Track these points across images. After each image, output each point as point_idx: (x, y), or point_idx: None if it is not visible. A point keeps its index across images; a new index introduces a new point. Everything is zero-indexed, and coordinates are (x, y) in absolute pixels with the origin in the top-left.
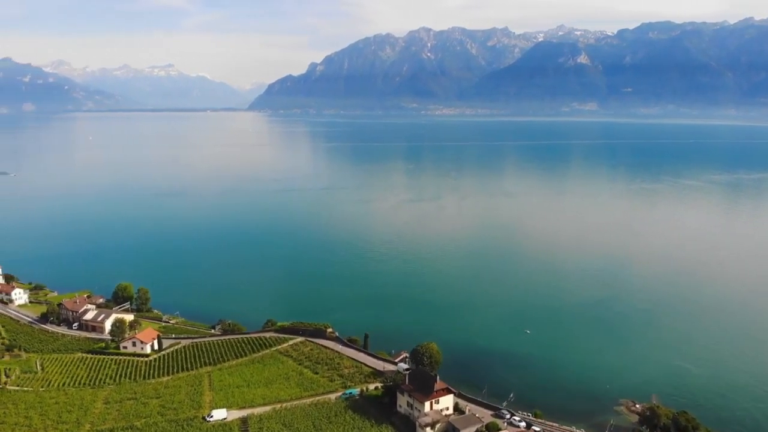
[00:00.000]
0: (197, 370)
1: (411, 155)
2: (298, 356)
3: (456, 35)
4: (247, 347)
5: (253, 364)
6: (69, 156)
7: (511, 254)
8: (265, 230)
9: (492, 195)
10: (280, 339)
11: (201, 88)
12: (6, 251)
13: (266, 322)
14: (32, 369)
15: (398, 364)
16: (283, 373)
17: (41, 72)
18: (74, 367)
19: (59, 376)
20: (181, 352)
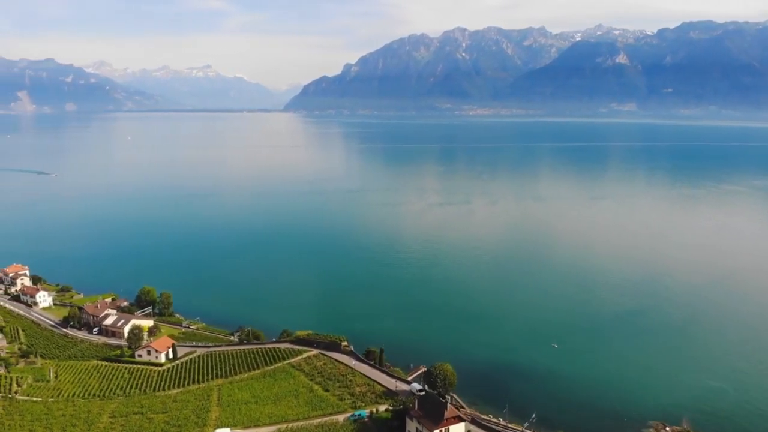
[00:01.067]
0: (208, 382)
1: (442, 157)
2: (311, 371)
3: (491, 35)
4: (261, 359)
5: (264, 377)
6: (108, 156)
7: (540, 263)
8: (291, 234)
9: (523, 199)
10: (294, 351)
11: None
12: (37, 251)
13: (282, 332)
14: (45, 377)
15: (411, 383)
16: (293, 389)
17: (83, 72)
18: (87, 375)
19: (70, 385)
20: (195, 362)
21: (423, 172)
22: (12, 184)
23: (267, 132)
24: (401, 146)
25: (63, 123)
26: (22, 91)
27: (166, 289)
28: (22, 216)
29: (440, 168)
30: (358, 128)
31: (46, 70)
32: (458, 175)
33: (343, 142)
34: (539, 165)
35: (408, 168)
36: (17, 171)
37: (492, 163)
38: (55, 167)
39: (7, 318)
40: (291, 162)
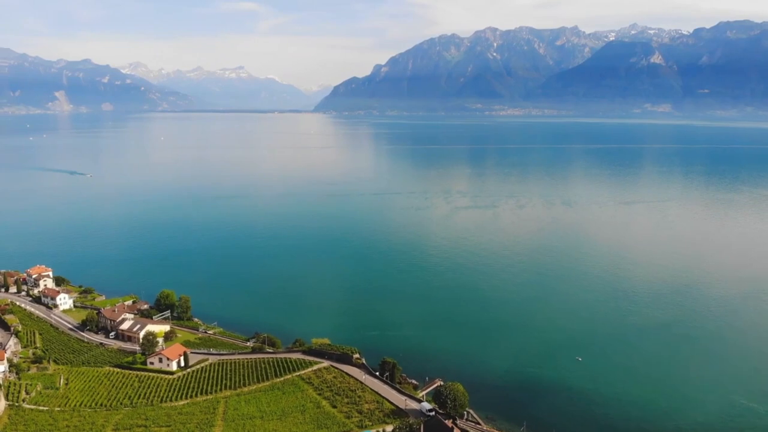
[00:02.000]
0: (216, 394)
1: (470, 159)
2: (320, 384)
3: (523, 35)
4: (271, 370)
5: (272, 390)
6: (141, 156)
7: (567, 270)
8: (313, 237)
9: (551, 203)
10: (304, 362)
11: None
12: (63, 252)
13: (294, 341)
14: (55, 385)
15: (422, 402)
16: (301, 404)
17: (119, 73)
18: (97, 383)
19: (79, 393)
20: (206, 370)
21: (449, 174)
22: (49, 183)
23: (296, 133)
24: (429, 147)
25: (99, 123)
26: (60, 91)
27: (187, 292)
28: (52, 216)
29: (467, 170)
30: (387, 129)
31: (83, 71)
32: (485, 178)
33: (370, 143)
34: (570, 167)
35: (434, 170)
36: (54, 171)
37: (521, 165)
38: (91, 167)
39: (26, 321)
40: (317, 163)
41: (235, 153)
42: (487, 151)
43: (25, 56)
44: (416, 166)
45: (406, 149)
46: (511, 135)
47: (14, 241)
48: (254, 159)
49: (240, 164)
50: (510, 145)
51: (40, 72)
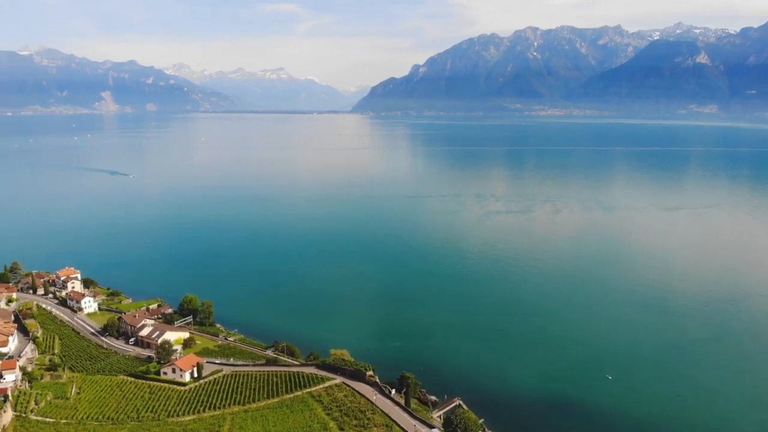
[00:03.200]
0: (223, 410)
1: (507, 161)
2: (329, 403)
3: (564, 34)
4: (282, 385)
5: (281, 407)
6: (181, 157)
7: (601, 281)
8: (341, 242)
9: (589, 209)
10: (317, 378)
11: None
12: (95, 253)
13: (309, 354)
14: (66, 394)
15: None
16: (307, 425)
17: (163, 74)
18: (109, 393)
19: (89, 405)
20: (218, 383)
21: (484, 176)
22: (92, 184)
23: (332, 134)
24: (465, 149)
25: (143, 123)
26: (106, 92)
27: (211, 297)
28: (90, 217)
29: (503, 172)
30: (423, 129)
31: (128, 72)
32: (521, 181)
33: (405, 144)
34: (610, 170)
35: (469, 172)
36: (97, 171)
37: (559, 167)
38: (133, 168)
39: (49, 325)
40: (351, 165)
41: (271, 154)
42: (524, 153)
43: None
44: (450, 168)
45: (442, 151)
46: (551, 136)
47: (49, 241)
48: (290, 160)
49: (275, 165)
50: (549, 147)
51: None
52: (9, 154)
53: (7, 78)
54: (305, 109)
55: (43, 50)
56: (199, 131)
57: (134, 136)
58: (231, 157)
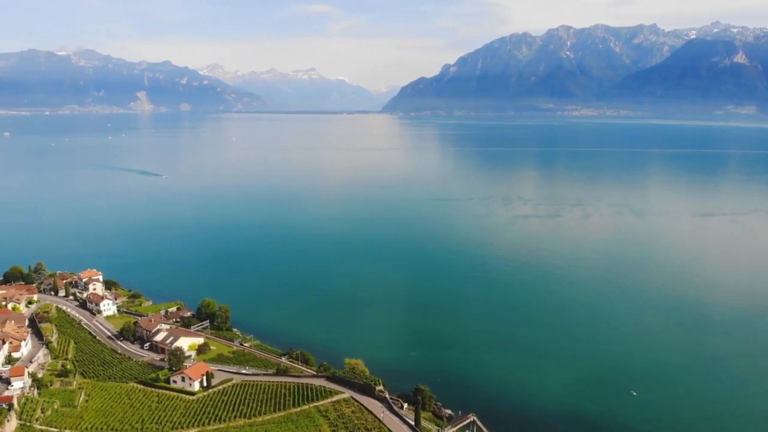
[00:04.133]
0: (228, 423)
1: (537, 162)
2: (336, 419)
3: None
4: (290, 397)
5: (286, 422)
6: (213, 157)
7: (629, 290)
8: (361, 244)
9: (620, 214)
10: (325, 391)
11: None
12: (119, 254)
13: (320, 366)
14: (73, 402)
15: None
16: None
17: (197, 74)
18: (116, 401)
19: (95, 414)
20: (227, 393)
21: (513, 178)
22: (125, 184)
23: (360, 134)
24: (494, 150)
25: (177, 123)
26: (141, 92)
27: (230, 300)
28: (119, 217)
29: (532, 174)
30: (452, 130)
31: (163, 72)
32: (551, 183)
33: (434, 144)
34: (643, 173)
35: (497, 174)
36: (130, 171)
37: (591, 169)
38: (166, 168)
39: (66, 328)
40: (378, 165)
41: (299, 154)
42: (555, 154)
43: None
44: (478, 169)
45: (470, 152)
46: (583, 137)
47: (76, 242)
48: (317, 161)
49: (303, 166)
50: (581, 148)
51: (123, 73)
52: (45, 153)
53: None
54: (336, 109)
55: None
56: (231, 131)
57: (168, 137)
58: (260, 157)
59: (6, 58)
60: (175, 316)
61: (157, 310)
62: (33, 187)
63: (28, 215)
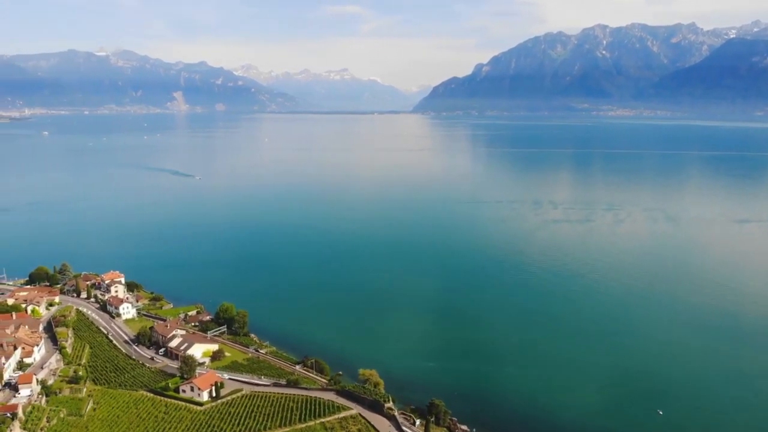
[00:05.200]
0: None
1: (570, 164)
2: None
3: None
4: (297, 411)
5: None
6: (245, 158)
7: (658, 300)
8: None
9: (653, 219)
10: (333, 407)
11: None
12: (145, 255)
13: (330, 378)
14: (80, 411)
15: None
16: None
17: (232, 75)
18: (124, 410)
19: (100, 424)
20: (234, 405)
21: (544, 181)
22: (160, 184)
23: (391, 134)
24: (526, 151)
25: (211, 123)
26: (177, 92)
27: (250, 305)
28: (149, 218)
29: (564, 177)
30: (485, 130)
31: (199, 73)
32: (583, 186)
33: (465, 145)
34: (680, 176)
35: (528, 176)
36: (166, 172)
37: (626, 171)
38: (200, 169)
39: (83, 332)
40: (406, 167)
41: (328, 155)
42: (589, 156)
43: (147, 58)
44: (508, 171)
45: (501, 153)
46: (619, 138)
47: (103, 243)
48: (346, 162)
49: (331, 167)
50: (616, 150)
51: (160, 73)
52: (82, 152)
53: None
54: (367, 110)
55: (119, 51)
56: (264, 132)
57: (202, 137)
58: (290, 158)
59: (47, 58)
60: (195, 320)
61: (176, 313)
62: (66, 187)
63: (58, 215)
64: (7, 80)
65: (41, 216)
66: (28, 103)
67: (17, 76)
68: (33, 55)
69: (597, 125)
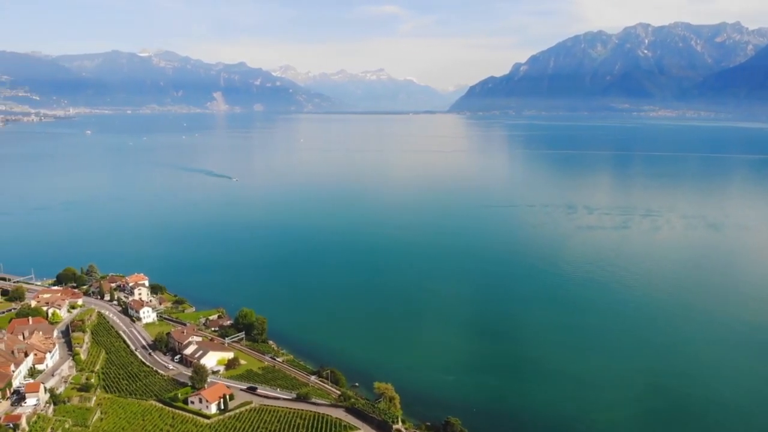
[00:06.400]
0: None
1: (608, 167)
2: None
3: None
4: (303, 429)
5: None
6: (279, 159)
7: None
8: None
9: (693, 227)
10: (341, 426)
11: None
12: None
13: (341, 394)
14: (86, 421)
15: None
16: None
17: (270, 76)
18: (131, 422)
19: None
20: (241, 419)
21: (580, 184)
22: (197, 185)
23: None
24: (563, 152)
25: (249, 123)
26: (217, 92)
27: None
28: (180, 220)
29: (601, 180)
30: (522, 131)
31: (238, 73)
32: (620, 191)
33: (500, 146)
34: (723, 181)
35: (564, 179)
36: (203, 173)
37: (666, 175)
38: (237, 170)
39: (101, 336)
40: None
41: (362, 157)
42: (628, 159)
43: (188, 59)
44: (543, 173)
45: (537, 154)
46: (660, 140)
47: (132, 243)
48: (378, 163)
49: (363, 169)
50: (657, 152)
51: (201, 74)
52: (122, 151)
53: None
54: (403, 110)
55: (160, 52)
56: (300, 132)
57: (239, 137)
58: (324, 159)
59: (91, 58)
60: (215, 325)
61: (197, 317)
62: (103, 186)
63: (91, 214)
64: (53, 80)
65: (74, 215)
66: (73, 103)
67: (62, 76)
68: (78, 55)
69: (638, 126)
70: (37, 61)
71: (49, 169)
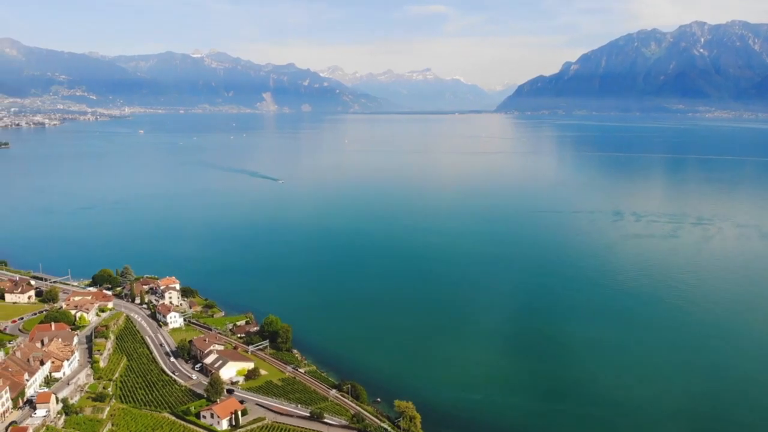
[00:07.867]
0: None
1: (660, 171)
2: None
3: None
4: None
5: None
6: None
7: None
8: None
9: (747, 237)
10: None
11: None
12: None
13: (353, 416)
14: None
15: None
16: None
17: (318, 77)
18: None
19: None
20: None
21: (629, 189)
22: (243, 187)
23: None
24: (614, 155)
25: (297, 124)
26: (267, 93)
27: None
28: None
29: (653, 185)
30: (571, 131)
31: (287, 74)
32: (671, 197)
33: (548, 147)
34: None
35: (613, 184)
36: (250, 174)
37: (721, 181)
38: (283, 172)
39: (126, 341)
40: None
41: (405, 158)
42: (681, 162)
43: (239, 60)
44: (592, 177)
45: (586, 156)
46: (716, 142)
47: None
48: (421, 165)
49: (406, 171)
50: (712, 156)
51: (251, 75)
52: (172, 151)
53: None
54: (450, 110)
55: (212, 53)
56: (345, 133)
57: (286, 137)
58: (367, 161)
59: (145, 59)
60: (242, 331)
61: (224, 323)
62: (149, 186)
63: (133, 215)
64: (110, 80)
65: (115, 216)
66: (128, 102)
67: (118, 77)
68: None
69: (692, 128)
70: (94, 61)
71: (100, 169)
